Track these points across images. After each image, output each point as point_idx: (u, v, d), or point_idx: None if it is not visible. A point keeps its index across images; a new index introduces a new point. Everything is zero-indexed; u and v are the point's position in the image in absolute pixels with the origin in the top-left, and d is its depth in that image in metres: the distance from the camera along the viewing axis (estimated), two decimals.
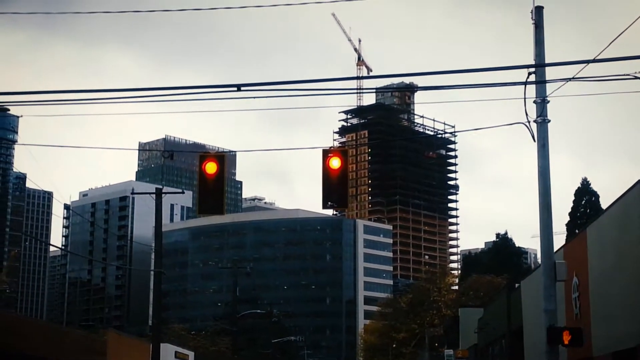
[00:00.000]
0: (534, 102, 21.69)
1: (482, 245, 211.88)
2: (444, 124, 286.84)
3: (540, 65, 21.34)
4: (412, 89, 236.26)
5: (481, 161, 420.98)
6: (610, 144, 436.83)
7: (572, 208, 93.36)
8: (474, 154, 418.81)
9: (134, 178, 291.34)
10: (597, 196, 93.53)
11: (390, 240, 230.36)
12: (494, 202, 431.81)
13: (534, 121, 21.65)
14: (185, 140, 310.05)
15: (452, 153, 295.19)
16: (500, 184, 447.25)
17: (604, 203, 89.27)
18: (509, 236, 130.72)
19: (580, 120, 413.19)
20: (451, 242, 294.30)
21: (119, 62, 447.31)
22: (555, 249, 24.21)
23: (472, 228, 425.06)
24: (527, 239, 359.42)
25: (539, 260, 23.98)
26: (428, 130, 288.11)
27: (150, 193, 44.73)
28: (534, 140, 21.83)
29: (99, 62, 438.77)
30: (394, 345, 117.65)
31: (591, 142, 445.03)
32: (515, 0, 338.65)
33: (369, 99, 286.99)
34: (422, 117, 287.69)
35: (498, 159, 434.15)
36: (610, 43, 18.44)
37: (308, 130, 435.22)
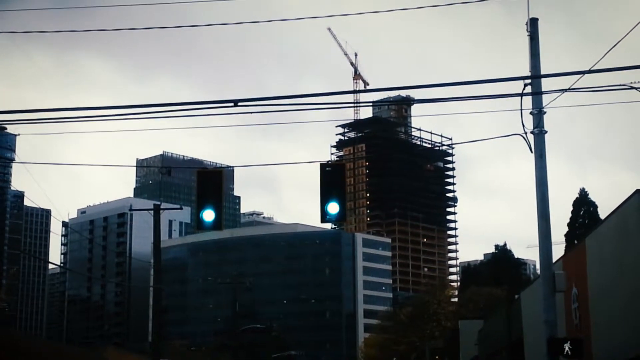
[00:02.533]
0: (531, 113, 21.76)
1: (481, 257, 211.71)
2: (441, 136, 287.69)
3: (536, 76, 21.43)
4: (408, 102, 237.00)
5: (479, 172, 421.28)
6: (607, 153, 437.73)
7: (570, 218, 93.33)
8: (472, 166, 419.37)
9: (132, 194, 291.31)
10: (595, 206, 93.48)
11: (389, 253, 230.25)
12: (492, 214, 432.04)
13: (531, 132, 21.74)
14: (183, 156, 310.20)
15: (450, 165, 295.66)
16: (499, 195, 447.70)
17: (602, 212, 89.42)
18: (508, 247, 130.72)
19: (576, 129, 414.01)
20: (450, 254, 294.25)
21: (104, 73, 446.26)
22: (554, 260, 24.24)
23: (470, 240, 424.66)
24: (525, 250, 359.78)
25: (538, 271, 24.02)
26: (425, 142, 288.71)
27: (148, 209, 44.78)
28: (531, 152, 21.90)
29: (77, 71, 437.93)
30: (395, 359, 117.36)
31: (588, 151, 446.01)
32: (512, 11, 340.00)
33: (366, 113, 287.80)
34: (419, 129, 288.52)
35: (496, 170, 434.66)
36: (606, 54, 18.54)
37: (305, 144, 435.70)
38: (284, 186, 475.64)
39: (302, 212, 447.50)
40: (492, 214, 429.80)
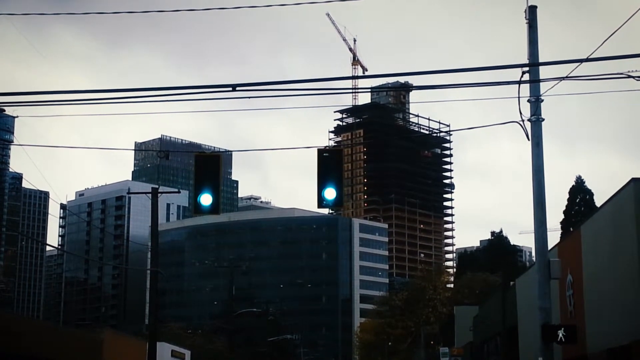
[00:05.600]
0: (528, 101, 21.81)
1: (478, 243, 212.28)
2: (439, 122, 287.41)
3: (534, 64, 21.43)
4: (407, 88, 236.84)
5: (474, 156, 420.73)
6: (602, 139, 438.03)
7: (566, 206, 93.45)
8: (469, 152, 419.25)
9: (130, 178, 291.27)
10: (591, 194, 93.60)
11: (386, 239, 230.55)
12: (489, 200, 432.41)
13: (528, 120, 21.79)
14: (181, 139, 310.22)
15: (447, 152, 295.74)
16: (496, 181, 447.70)
17: (597, 198, 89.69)
18: (504, 234, 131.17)
19: (571, 114, 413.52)
20: (446, 240, 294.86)
21: (76, 41, 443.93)
22: (549, 247, 24.36)
23: (467, 226, 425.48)
24: (524, 237, 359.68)
25: (534, 258, 24.14)
26: (423, 129, 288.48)
27: (146, 192, 44.83)
28: (528, 139, 21.96)
29: (48, 39, 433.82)
30: (390, 343, 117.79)
31: (582, 137, 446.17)
32: None
33: (364, 99, 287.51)
34: (417, 116, 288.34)
35: (493, 157, 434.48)
36: (604, 42, 18.56)
37: (303, 129, 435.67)
38: (273, 168, 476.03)
39: (302, 197, 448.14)
40: (490, 201, 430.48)
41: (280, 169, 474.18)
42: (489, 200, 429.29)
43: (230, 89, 17.30)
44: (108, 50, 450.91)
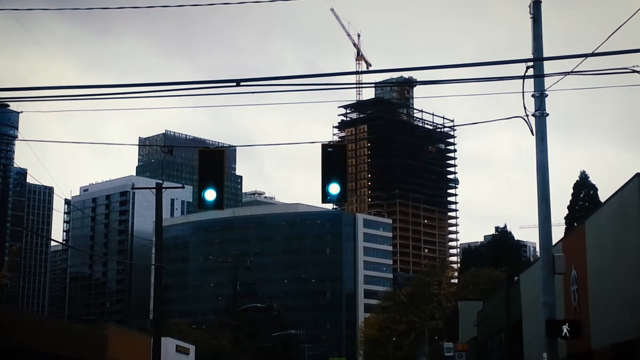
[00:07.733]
0: (532, 96, 21.75)
1: (482, 239, 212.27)
2: (443, 118, 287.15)
3: (538, 59, 21.38)
4: (411, 83, 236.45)
5: (478, 151, 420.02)
6: (604, 133, 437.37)
7: (570, 201, 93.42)
8: (470, 143, 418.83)
9: (134, 173, 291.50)
10: (595, 189, 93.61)
11: (390, 234, 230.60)
12: (493, 196, 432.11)
13: (532, 115, 21.72)
14: (185, 135, 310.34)
15: (452, 147, 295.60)
16: (500, 176, 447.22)
17: (601, 194, 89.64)
18: (508, 229, 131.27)
19: (574, 109, 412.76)
20: (451, 236, 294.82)
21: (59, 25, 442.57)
22: (554, 242, 24.31)
23: (471, 221, 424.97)
24: (526, 232, 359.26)
25: (538, 253, 24.11)
26: (427, 124, 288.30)
27: (150, 188, 44.83)
28: (533, 134, 21.90)
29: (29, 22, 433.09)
30: (394, 338, 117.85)
31: (584, 131, 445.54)
32: None
33: (368, 94, 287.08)
34: (421, 111, 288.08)
35: (495, 150, 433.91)
36: (609, 37, 18.51)
37: (307, 125, 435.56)
38: (289, 167, 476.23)
39: (305, 192, 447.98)
40: (495, 197, 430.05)
41: (275, 160, 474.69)
42: (492, 195, 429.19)
43: (234, 84, 17.33)
44: (94, 37, 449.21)
